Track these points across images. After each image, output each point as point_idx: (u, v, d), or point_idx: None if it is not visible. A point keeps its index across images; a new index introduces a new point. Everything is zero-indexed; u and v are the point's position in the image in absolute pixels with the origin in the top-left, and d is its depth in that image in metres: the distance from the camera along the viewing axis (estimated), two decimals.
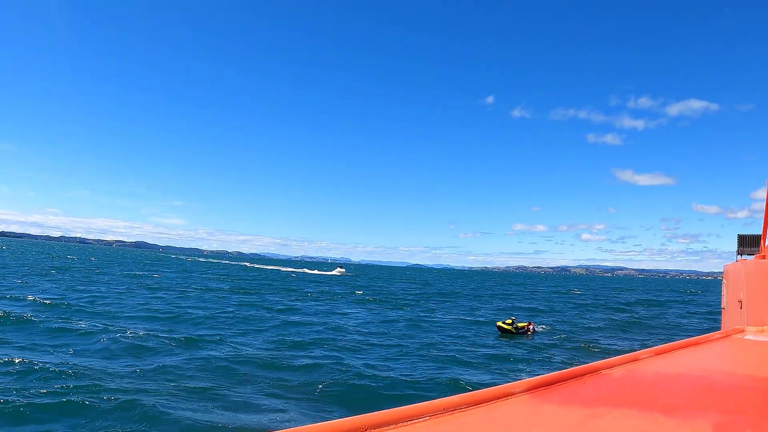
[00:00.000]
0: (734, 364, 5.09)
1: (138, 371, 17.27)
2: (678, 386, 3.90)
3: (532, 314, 46.25)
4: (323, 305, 47.41)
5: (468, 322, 39.80)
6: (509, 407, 3.27)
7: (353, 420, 2.69)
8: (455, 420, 2.97)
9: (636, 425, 2.94)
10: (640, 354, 4.75)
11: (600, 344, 30.14)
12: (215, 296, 49.70)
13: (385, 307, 49.74)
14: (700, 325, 41.00)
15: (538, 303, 64.57)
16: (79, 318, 27.96)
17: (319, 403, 15.52)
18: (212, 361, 19.41)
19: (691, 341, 5.42)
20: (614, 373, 4.27)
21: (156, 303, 39.37)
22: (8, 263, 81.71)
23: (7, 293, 37.30)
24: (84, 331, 23.82)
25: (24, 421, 12.40)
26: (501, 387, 3.53)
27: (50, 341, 21.50)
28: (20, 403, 13.12)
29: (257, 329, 29.48)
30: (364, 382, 17.84)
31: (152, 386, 15.68)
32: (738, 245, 9.57)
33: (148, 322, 29.08)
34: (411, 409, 2.93)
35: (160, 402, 13.94)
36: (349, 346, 25.02)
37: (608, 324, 41.86)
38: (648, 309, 60.60)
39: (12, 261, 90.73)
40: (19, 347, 19.80)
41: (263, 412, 14.22)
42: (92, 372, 16.61)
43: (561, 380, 3.90)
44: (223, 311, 36.77)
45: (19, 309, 29.28)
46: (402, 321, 37.51)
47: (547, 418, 3.07)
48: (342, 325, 33.57)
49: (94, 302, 36.54)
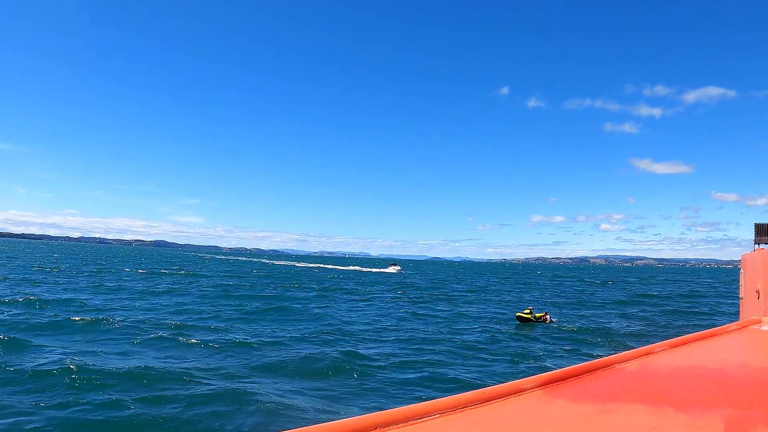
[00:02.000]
0: (750, 356, 5.02)
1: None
2: (691, 380, 3.86)
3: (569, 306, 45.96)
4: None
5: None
6: (520, 403, 3.26)
7: (362, 419, 2.71)
8: (465, 417, 2.97)
9: (646, 421, 2.92)
10: (655, 347, 4.70)
11: (617, 337, 29.87)
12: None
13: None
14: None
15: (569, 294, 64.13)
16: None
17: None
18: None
19: (707, 333, 5.35)
20: (628, 367, 4.23)
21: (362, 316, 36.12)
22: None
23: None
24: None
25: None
26: (512, 383, 3.52)
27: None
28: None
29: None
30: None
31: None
32: (755, 234, 9.41)
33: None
34: (420, 408, 2.93)
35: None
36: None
37: (631, 316, 41.41)
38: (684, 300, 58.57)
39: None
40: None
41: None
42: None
43: (573, 375, 3.87)
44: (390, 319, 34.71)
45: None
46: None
47: (557, 415, 3.06)
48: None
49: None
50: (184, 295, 44.95)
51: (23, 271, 64.86)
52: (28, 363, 17.31)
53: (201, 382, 16.04)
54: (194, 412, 13.44)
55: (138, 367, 17.23)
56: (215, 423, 12.85)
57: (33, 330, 23.90)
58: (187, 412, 13.47)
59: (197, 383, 15.92)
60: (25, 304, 32.20)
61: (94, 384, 15.27)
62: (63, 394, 14.39)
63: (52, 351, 19.45)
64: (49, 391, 14.69)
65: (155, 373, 16.70)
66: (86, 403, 13.71)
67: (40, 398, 14.06)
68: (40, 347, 20.08)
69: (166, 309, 34.56)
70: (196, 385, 15.67)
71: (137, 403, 13.79)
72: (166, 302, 38.90)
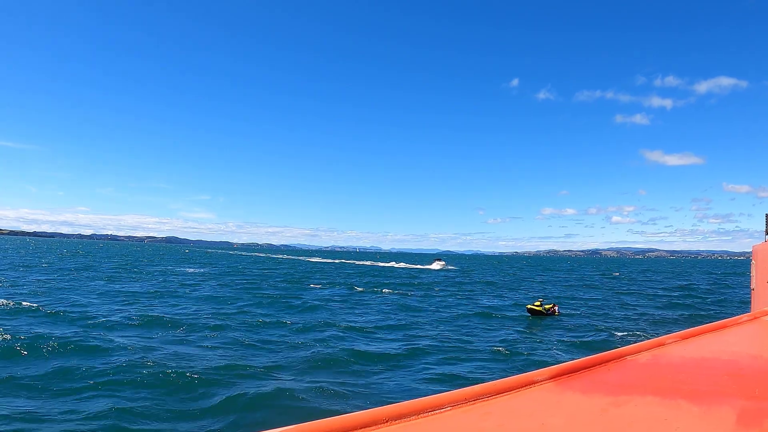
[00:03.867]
0: (762, 347, 4.97)
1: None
2: (703, 372, 3.84)
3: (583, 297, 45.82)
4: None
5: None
6: (531, 396, 3.25)
7: (373, 412, 2.72)
8: (477, 410, 2.97)
9: (658, 413, 2.91)
10: (666, 339, 4.68)
11: (630, 328, 29.74)
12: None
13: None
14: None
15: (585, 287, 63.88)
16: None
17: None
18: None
19: (718, 324, 5.31)
20: (640, 359, 4.21)
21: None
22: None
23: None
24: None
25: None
26: (524, 375, 3.51)
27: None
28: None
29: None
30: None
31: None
32: (767, 225, 9.29)
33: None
34: (431, 400, 2.94)
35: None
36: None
37: (647, 309, 41.19)
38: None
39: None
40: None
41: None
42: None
43: (585, 367, 3.86)
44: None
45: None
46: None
47: (568, 407, 3.05)
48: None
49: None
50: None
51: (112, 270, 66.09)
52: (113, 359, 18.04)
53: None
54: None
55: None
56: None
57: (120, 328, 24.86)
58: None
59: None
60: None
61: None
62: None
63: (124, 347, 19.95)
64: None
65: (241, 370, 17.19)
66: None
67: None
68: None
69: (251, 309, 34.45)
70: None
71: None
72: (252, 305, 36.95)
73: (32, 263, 78.74)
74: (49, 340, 19.89)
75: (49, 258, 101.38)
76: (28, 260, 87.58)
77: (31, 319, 25.55)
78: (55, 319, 25.94)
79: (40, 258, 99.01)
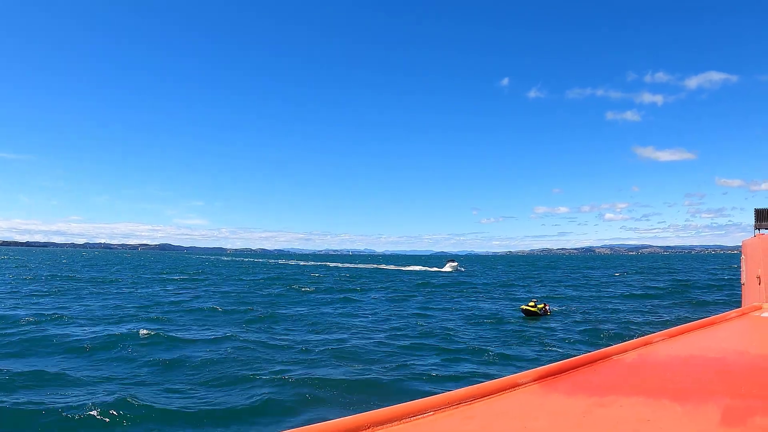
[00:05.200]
0: (750, 343, 4.97)
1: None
2: (690, 370, 3.83)
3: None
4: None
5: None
6: (515, 398, 3.23)
7: (356, 418, 2.69)
8: (459, 414, 2.95)
9: (642, 413, 2.89)
10: (653, 337, 4.67)
11: (621, 327, 29.78)
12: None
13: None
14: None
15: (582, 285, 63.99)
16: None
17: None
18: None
19: (707, 321, 5.32)
20: (626, 358, 4.20)
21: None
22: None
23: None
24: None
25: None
26: (507, 378, 3.49)
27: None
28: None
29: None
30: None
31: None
32: (756, 219, 9.33)
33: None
34: (414, 405, 2.92)
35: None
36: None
37: (636, 306, 41.29)
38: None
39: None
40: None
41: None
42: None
43: (571, 368, 3.84)
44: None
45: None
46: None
47: (551, 409, 3.04)
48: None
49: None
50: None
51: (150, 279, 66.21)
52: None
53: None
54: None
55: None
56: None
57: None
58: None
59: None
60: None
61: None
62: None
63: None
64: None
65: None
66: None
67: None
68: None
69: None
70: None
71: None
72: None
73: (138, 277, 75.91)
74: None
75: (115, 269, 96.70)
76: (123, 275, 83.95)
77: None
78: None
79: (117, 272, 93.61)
